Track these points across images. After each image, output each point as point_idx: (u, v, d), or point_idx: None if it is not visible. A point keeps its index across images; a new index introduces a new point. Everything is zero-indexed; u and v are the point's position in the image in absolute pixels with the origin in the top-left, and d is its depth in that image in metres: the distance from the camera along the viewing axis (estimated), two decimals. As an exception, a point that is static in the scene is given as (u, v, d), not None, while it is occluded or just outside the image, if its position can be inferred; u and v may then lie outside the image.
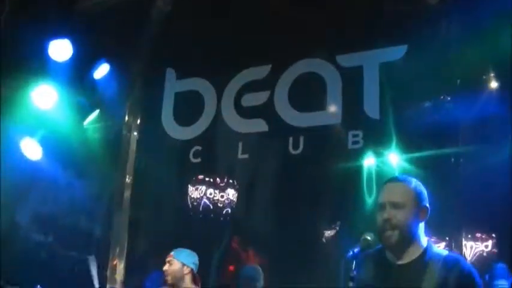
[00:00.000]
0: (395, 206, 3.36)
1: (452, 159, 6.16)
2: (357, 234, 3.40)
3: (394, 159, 6.46)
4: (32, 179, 7.95)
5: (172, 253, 5.96)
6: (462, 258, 3.40)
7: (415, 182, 3.49)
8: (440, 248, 3.50)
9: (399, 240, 3.35)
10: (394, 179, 3.59)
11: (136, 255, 7.84)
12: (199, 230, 7.46)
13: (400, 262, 3.42)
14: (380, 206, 3.42)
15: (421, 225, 3.44)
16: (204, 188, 7.53)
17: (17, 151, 7.58)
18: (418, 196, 3.43)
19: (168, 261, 5.91)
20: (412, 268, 3.36)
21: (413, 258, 3.40)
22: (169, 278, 5.86)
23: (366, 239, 3.31)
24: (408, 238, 3.38)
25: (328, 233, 7.01)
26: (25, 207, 8.11)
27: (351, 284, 3.11)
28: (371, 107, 6.63)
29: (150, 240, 7.85)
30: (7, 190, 7.55)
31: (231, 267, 7.46)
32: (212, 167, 7.56)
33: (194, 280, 5.95)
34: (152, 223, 7.83)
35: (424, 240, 3.45)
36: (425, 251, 3.41)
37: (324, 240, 7.04)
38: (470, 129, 6.12)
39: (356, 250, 3.21)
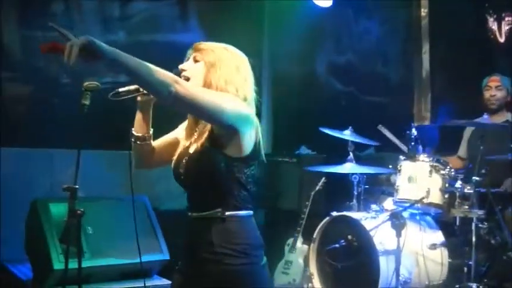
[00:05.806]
0: None
1: None
2: None
3: None
4: (325, 28, 7.89)
5: (497, 77, 5.87)
6: None
7: None
8: None
9: None
10: None
11: (438, 91, 7.49)
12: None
13: None
14: None
15: None
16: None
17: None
18: None
19: (497, 87, 5.85)
20: None
21: None
22: (496, 103, 5.86)
23: None
24: None
25: None
26: (321, 57, 8.18)
27: None
28: None
29: (450, 74, 7.39)
30: (302, 40, 7.66)
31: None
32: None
33: (508, 107, 5.91)
34: (453, 56, 7.31)
35: None
36: None
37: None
38: None
39: None
